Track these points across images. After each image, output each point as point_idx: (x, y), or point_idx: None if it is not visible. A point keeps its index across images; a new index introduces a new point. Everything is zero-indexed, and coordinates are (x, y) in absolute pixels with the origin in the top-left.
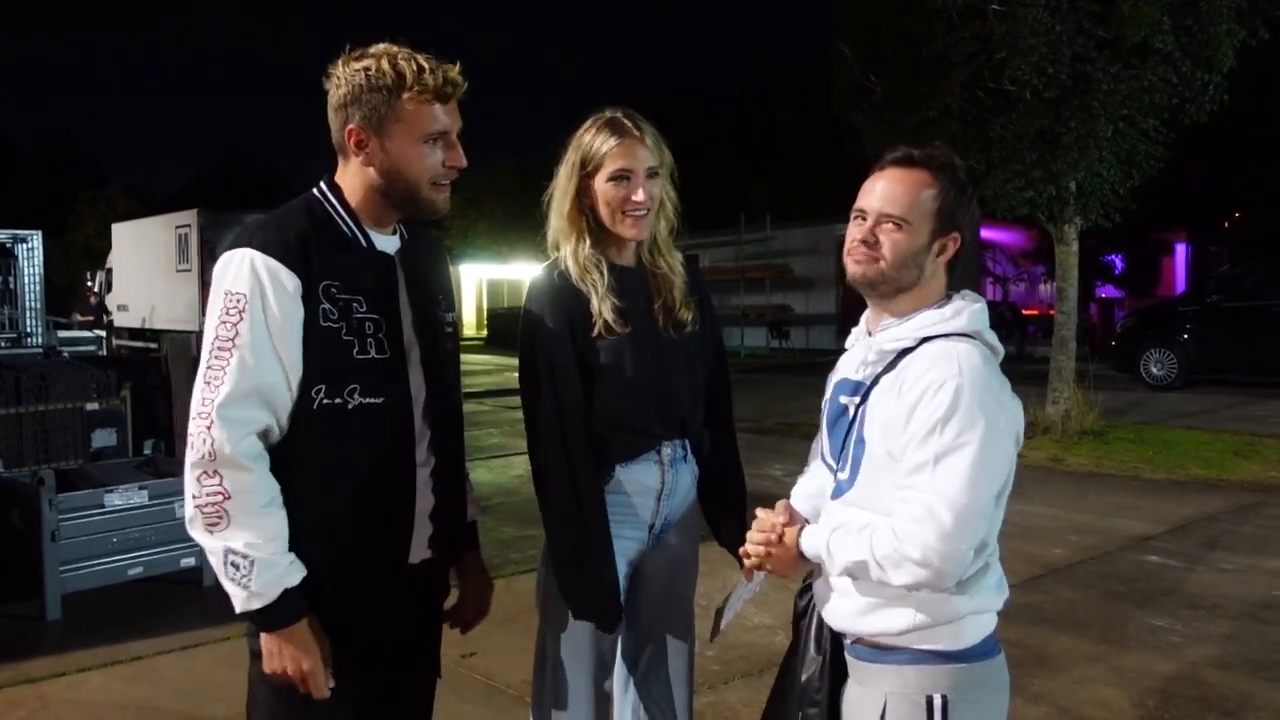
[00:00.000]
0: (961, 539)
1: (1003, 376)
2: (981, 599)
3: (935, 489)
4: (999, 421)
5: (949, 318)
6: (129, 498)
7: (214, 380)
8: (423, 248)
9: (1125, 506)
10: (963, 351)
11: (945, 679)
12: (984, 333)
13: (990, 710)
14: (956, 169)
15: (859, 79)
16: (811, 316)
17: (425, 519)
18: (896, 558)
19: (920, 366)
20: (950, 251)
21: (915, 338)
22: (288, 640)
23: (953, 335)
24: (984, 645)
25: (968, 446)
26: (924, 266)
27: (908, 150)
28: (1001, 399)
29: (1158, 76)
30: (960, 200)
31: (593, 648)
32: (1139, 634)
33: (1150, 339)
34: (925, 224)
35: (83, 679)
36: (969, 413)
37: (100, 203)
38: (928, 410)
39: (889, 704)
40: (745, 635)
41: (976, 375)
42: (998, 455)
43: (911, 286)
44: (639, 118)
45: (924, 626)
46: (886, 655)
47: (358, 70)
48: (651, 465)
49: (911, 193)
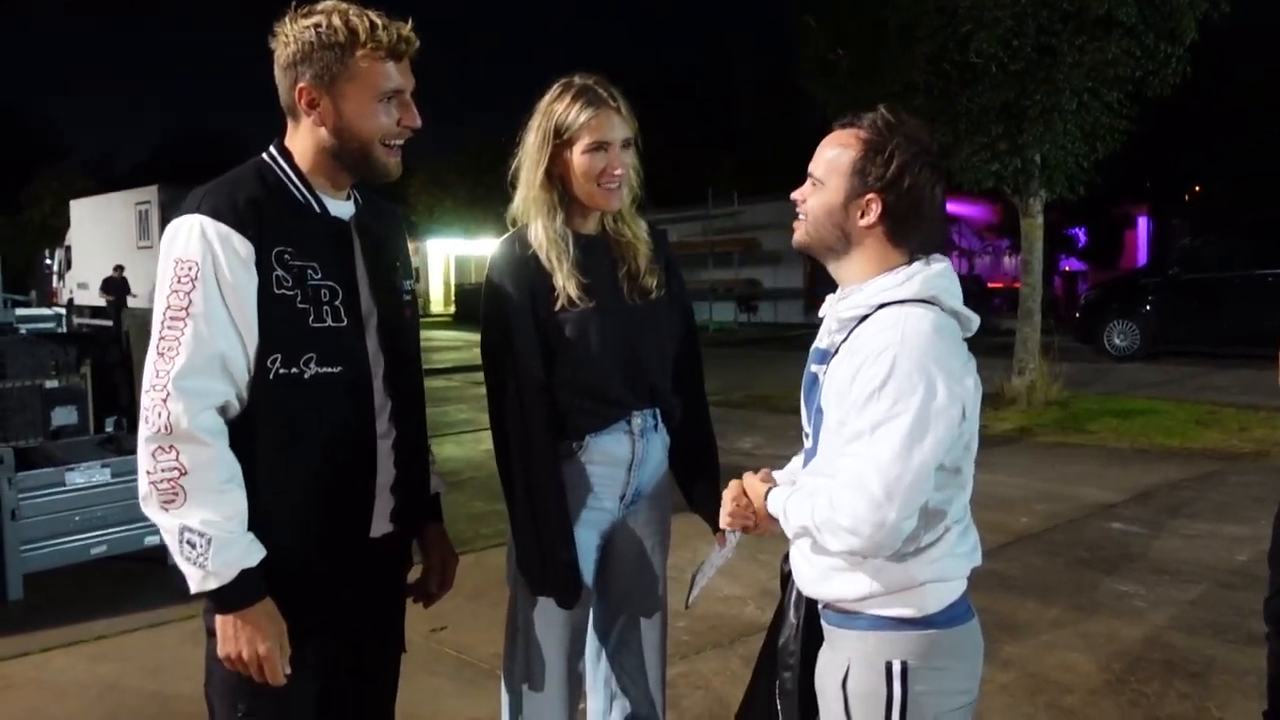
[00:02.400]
0: (891, 509)
1: (957, 343)
2: (942, 566)
3: (868, 457)
4: (939, 390)
5: (900, 283)
6: (90, 475)
7: (168, 351)
8: (379, 214)
9: (1090, 475)
10: (912, 317)
11: (907, 645)
12: (941, 297)
13: (958, 677)
14: (882, 129)
15: (823, 52)
16: (779, 290)
17: (386, 492)
18: (831, 525)
19: (867, 334)
20: (874, 214)
21: (870, 305)
22: (245, 622)
23: (908, 301)
24: (949, 612)
25: (903, 416)
26: (847, 230)
27: (855, 114)
28: (949, 366)
29: (1121, 49)
30: (872, 160)
31: (564, 621)
32: (1105, 600)
33: (1113, 311)
34: (837, 183)
35: (46, 659)
36: (907, 381)
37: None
38: (865, 378)
39: (851, 669)
40: (716, 606)
41: (920, 342)
42: (936, 425)
43: (844, 250)
44: (611, 86)
45: (881, 593)
46: (850, 620)
47: (307, 27)
48: (622, 435)
49: (829, 151)
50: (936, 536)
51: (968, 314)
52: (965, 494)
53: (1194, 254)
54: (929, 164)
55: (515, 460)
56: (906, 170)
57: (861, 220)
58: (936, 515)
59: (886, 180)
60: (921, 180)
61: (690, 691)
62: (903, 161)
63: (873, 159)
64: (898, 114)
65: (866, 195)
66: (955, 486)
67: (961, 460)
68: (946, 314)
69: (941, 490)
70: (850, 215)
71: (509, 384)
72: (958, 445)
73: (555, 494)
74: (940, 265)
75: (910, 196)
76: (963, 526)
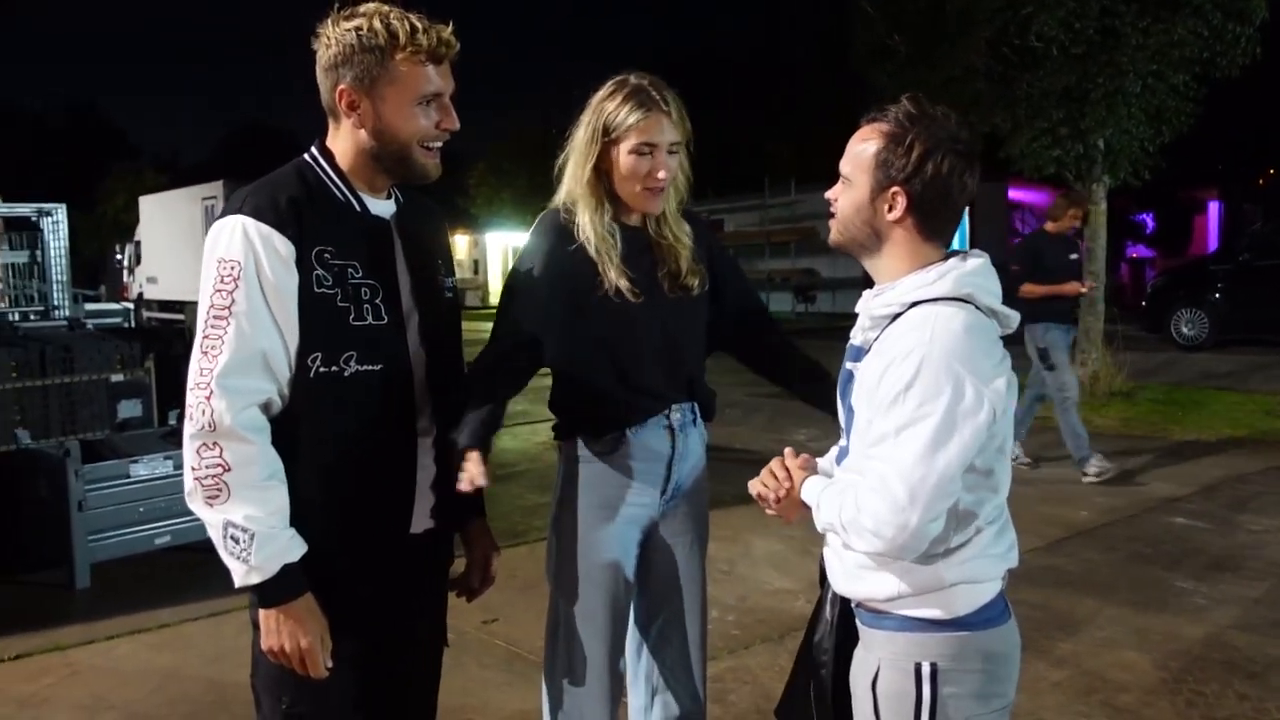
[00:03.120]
0: (914, 512)
1: (990, 343)
2: (974, 568)
3: (893, 460)
4: (967, 392)
5: (931, 282)
6: (154, 467)
7: (211, 350)
8: (419, 212)
9: (1153, 468)
10: (942, 317)
11: (936, 647)
12: (976, 295)
13: (991, 680)
14: (903, 120)
15: (881, 37)
16: (838, 280)
17: (427, 489)
18: (855, 525)
19: (896, 333)
20: (900, 208)
21: (902, 303)
22: (287, 616)
23: (940, 300)
24: (983, 614)
25: (929, 418)
26: (876, 226)
27: (881, 107)
28: (978, 367)
29: (1187, 30)
30: (894, 152)
31: (606, 617)
32: (1164, 596)
33: (1181, 299)
34: (863, 178)
35: (111, 646)
36: (933, 382)
37: (129, 175)
38: (892, 378)
39: (881, 669)
40: (766, 600)
41: (949, 342)
42: (962, 428)
43: (875, 247)
44: (665, 88)
45: (909, 594)
46: (880, 620)
47: (348, 30)
48: (661, 430)
49: (855, 147)
50: (967, 538)
51: (1005, 312)
52: (999, 496)
53: (1266, 239)
54: (954, 151)
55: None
56: (928, 159)
57: (889, 215)
58: (967, 517)
59: (909, 171)
60: (946, 169)
61: (737, 686)
62: (924, 150)
63: (894, 151)
64: (920, 103)
65: (891, 188)
66: (987, 488)
67: (994, 462)
68: (981, 312)
69: (973, 492)
70: (878, 211)
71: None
72: (990, 447)
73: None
74: (976, 261)
75: (935, 186)
76: (997, 528)
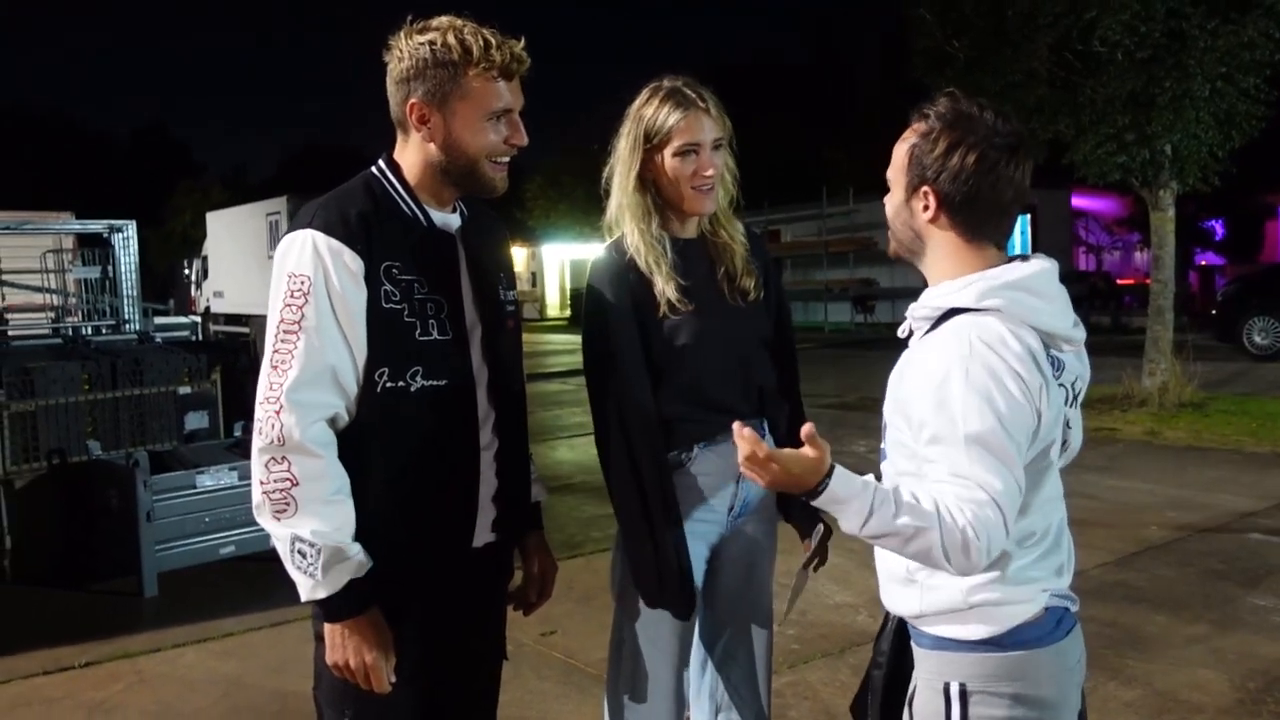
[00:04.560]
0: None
1: (1020, 362)
2: (1007, 589)
3: (970, 474)
4: (1016, 397)
5: (959, 288)
6: (220, 478)
7: (281, 364)
8: (483, 225)
9: (1226, 481)
10: (978, 328)
11: (967, 667)
12: (1009, 308)
13: (1028, 705)
14: (934, 117)
15: (940, 44)
16: (897, 290)
17: (489, 502)
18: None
19: (928, 344)
20: (932, 206)
21: (936, 308)
22: (352, 631)
23: (976, 310)
24: (1019, 634)
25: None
26: (915, 228)
27: (922, 106)
28: (1005, 385)
29: (1259, 31)
30: (923, 149)
31: (670, 632)
32: (1241, 614)
33: (1253, 306)
34: (900, 179)
35: (177, 654)
36: (984, 388)
37: (196, 192)
38: (918, 394)
39: (917, 687)
40: (827, 614)
41: (987, 356)
42: (1018, 434)
43: (921, 251)
44: (700, 86)
45: (933, 613)
46: (920, 637)
47: (421, 44)
48: (730, 447)
49: (897, 150)
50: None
51: (1052, 328)
52: (1030, 518)
53: None
54: (985, 145)
55: (619, 469)
56: (952, 153)
57: (924, 214)
58: None
59: (938, 167)
60: (973, 163)
61: (797, 702)
62: (948, 145)
63: (924, 147)
64: (957, 99)
65: (923, 187)
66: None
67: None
68: (1018, 326)
69: None
70: (914, 211)
71: (613, 396)
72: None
73: (666, 501)
74: (1019, 272)
75: (964, 183)
76: (1039, 550)
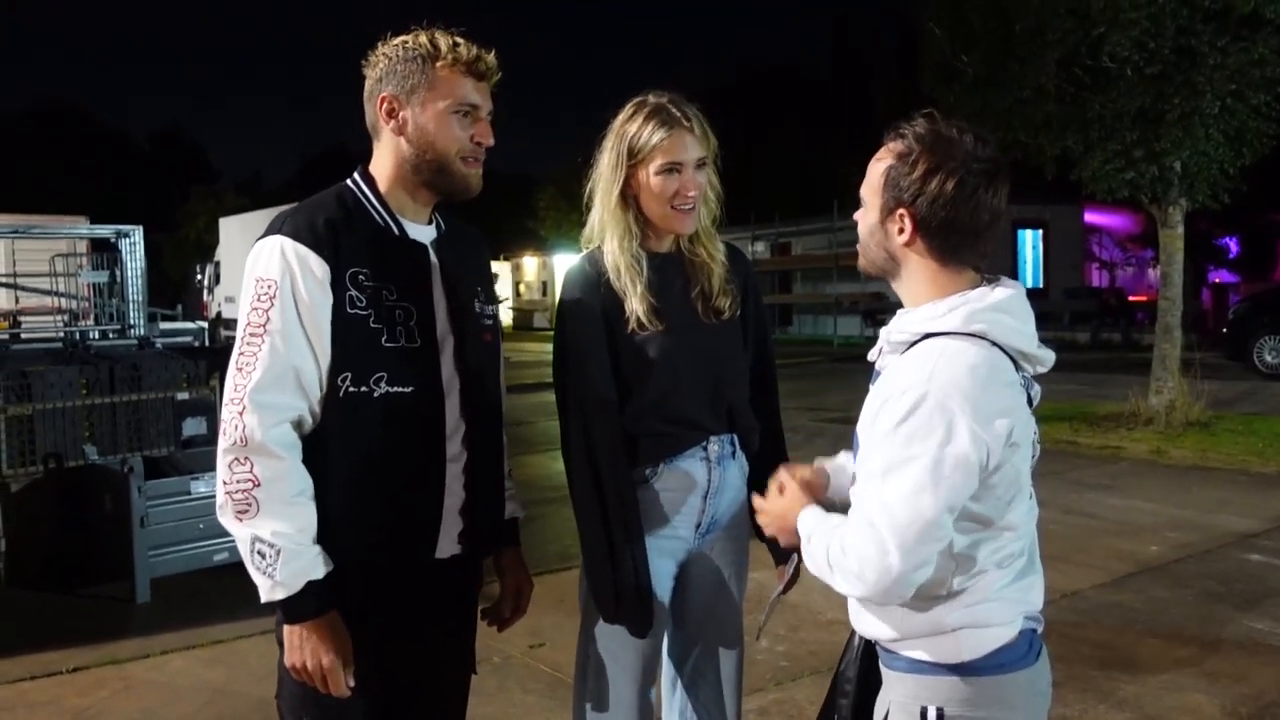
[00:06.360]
0: (897, 557)
1: (999, 383)
2: (982, 611)
3: (880, 501)
4: (959, 434)
5: (941, 314)
6: (214, 484)
7: (246, 366)
8: (461, 239)
9: (1229, 502)
10: (948, 353)
11: (944, 691)
12: (991, 330)
13: None
14: (912, 138)
15: (949, 59)
16: None
17: (455, 514)
18: (841, 567)
19: (902, 366)
20: (908, 229)
21: (914, 333)
22: (310, 632)
23: (954, 334)
24: (995, 658)
25: (917, 460)
26: (890, 250)
27: (898, 125)
28: (979, 408)
29: (1269, 49)
30: (901, 171)
31: (635, 649)
32: (1236, 637)
33: (1264, 325)
34: (873, 200)
35: (165, 660)
36: (926, 422)
37: (210, 198)
38: (887, 414)
39: (891, 711)
40: (817, 632)
41: (950, 381)
42: (953, 473)
43: (895, 272)
44: (685, 104)
45: (910, 637)
46: (892, 659)
47: (395, 46)
48: (697, 461)
49: (870, 167)
50: (970, 582)
51: (1027, 350)
52: (1004, 539)
53: None
54: (965, 171)
55: (581, 483)
56: (932, 177)
57: (900, 237)
58: (966, 561)
59: (914, 191)
60: (953, 188)
61: None
62: (927, 168)
63: (901, 170)
64: (935, 121)
65: (899, 209)
66: (985, 532)
67: (995, 511)
68: (997, 349)
69: (967, 534)
70: (889, 233)
71: (578, 408)
72: (989, 496)
73: (627, 517)
74: (1000, 295)
75: (942, 207)
76: (1013, 571)
